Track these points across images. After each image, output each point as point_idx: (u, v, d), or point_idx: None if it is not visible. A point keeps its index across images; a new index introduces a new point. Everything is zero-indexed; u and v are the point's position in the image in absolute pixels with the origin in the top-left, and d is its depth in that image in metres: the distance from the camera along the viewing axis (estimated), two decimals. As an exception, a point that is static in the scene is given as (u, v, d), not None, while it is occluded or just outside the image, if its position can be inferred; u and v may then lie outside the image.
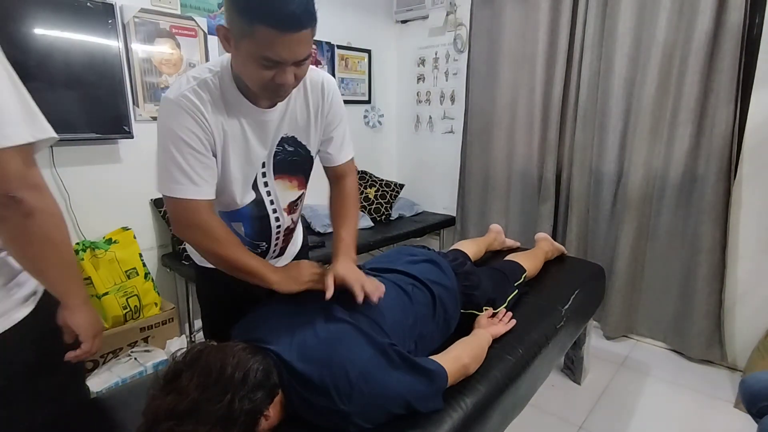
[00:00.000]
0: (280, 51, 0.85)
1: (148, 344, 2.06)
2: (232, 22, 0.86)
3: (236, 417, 0.77)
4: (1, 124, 0.72)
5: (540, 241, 2.00)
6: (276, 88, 0.92)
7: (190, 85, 0.95)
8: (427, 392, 0.98)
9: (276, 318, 1.04)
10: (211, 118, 0.96)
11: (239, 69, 0.93)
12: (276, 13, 0.81)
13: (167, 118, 0.95)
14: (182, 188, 0.96)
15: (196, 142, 0.95)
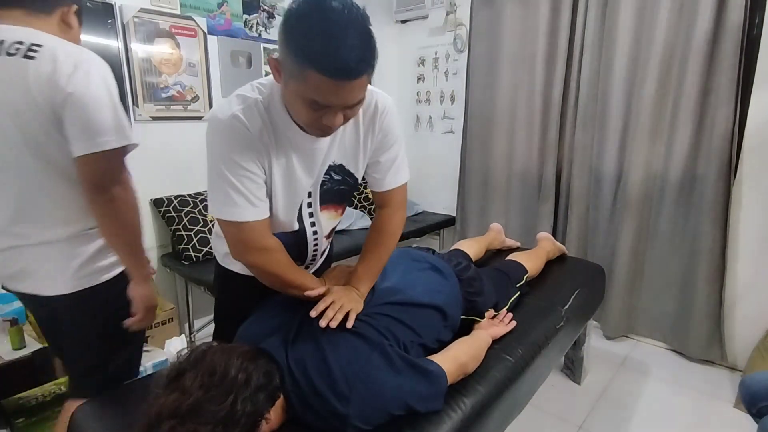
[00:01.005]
0: (330, 98, 0.83)
1: (147, 344, 2.06)
2: (285, 58, 0.83)
3: (238, 418, 0.77)
4: (98, 133, 0.95)
5: (542, 241, 2.00)
6: (323, 128, 0.90)
7: (240, 107, 0.92)
8: (426, 393, 0.98)
9: (278, 320, 1.05)
10: (261, 143, 0.93)
11: (286, 100, 0.91)
12: (330, 62, 0.77)
13: (218, 140, 0.92)
14: (241, 211, 0.94)
15: (249, 164, 0.93)
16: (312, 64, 0.78)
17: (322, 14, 0.76)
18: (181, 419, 0.74)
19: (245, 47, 2.49)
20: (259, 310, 1.13)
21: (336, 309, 1.01)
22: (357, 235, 2.71)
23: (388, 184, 1.14)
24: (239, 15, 2.44)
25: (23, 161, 0.96)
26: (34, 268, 1.02)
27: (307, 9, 0.77)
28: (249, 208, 0.95)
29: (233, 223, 0.95)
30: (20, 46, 0.94)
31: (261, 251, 1.00)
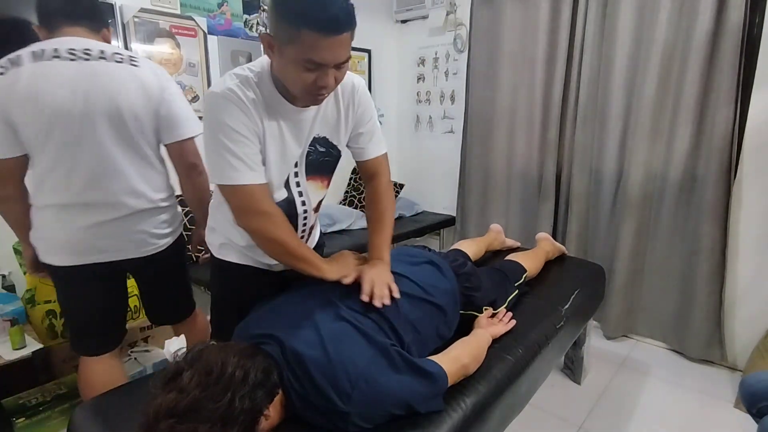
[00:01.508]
0: (323, 54, 0.91)
1: (147, 344, 2.06)
2: (277, 29, 0.91)
3: (236, 416, 0.77)
4: (190, 123, 1.32)
5: (541, 241, 2.00)
6: (317, 91, 0.97)
7: (234, 81, 1.00)
8: (427, 393, 0.98)
9: (279, 316, 1.05)
10: (254, 113, 1.01)
11: (282, 73, 0.99)
12: (320, 18, 0.87)
13: (215, 110, 0.99)
14: (240, 174, 1.00)
15: (245, 131, 1.00)
16: (305, 23, 0.87)
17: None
18: (179, 418, 0.74)
19: (245, 47, 2.49)
20: (257, 307, 1.13)
21: (380, 286, 1.09)
22: (357, 234, 2.71)
23: (372, 152, 1.26)
24: (239, 15, 2.45)
25: (141, 146, 1.26)
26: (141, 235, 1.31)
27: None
28: (248, 172, 1.01)
29: (235, 187, 1.01)
30: (122, 56, 1.22)
31: (262, 215, 1.05)
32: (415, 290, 1.21)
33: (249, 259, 1.22)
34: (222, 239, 1.23)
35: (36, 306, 1.75)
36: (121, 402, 1.10)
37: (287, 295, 1.16)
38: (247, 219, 1.06)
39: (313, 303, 1.08)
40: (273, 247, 1.09)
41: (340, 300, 1.09)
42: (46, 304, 1.76)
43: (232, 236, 1.20)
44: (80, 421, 1.04)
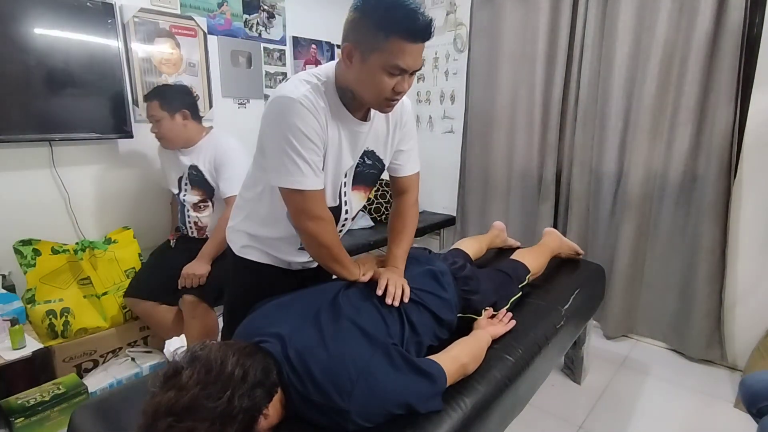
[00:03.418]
0: (407, 59, 0.99)
1: (147, 344, 2.06)
2: (364, 37, 0.98)
3: (235, 415, 0.77)
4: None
5: (546, 236, 1.96)
6: (393, 96, 1.05)
7: (306, 87, 1.04)
8: (426, 393, 0.98)
9: (281, 315, 1.05)
10: (324, 121, 1.06)
11: (360, 80, 1.04)
12: (410, 27, 0.96)
13: (289, 114, 1.02)
14: (307, 180, 1.06)
15: (315, 138, 1.05)
16: (396, 30, 0.95)
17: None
18: (178, 416, 0.74)
19: (245, 47, 2.49)
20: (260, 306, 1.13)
21: (395, 286, 1.15)
22: (357, 234, 2.71)
23: (409, 170, 1.37)
24: (239, 15, 2.44)
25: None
26: None
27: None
28: (313, 177, 1.06)
29: (299, 191, 1.06)
30: None
31: (319, 220, 1.11)
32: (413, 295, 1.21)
33: (269, 258, 1.28)
34: (245, 241, 1.28)
35: (36, 306, 1.75)
36: (121, 402, 1.10)
37: (290, 294, 1.16)
38: (304, 222, 1.11)
39: (315, 302, 1.08)
40: (320, 251, 1.16)
41: (342, 299, 1.10)
42: (46, 304, 1.76)
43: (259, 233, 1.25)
44: (80, 421, 1.04)
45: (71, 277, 1.89)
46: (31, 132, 1.79)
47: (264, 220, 1.23)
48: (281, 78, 2.68)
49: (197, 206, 1.97)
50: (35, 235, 1.84)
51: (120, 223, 2.14)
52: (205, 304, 1.84)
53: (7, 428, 1.51)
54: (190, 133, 1.92)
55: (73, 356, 1.81)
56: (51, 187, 1.93)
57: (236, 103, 2.51)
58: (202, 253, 1.86)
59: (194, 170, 1.93)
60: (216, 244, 1.86)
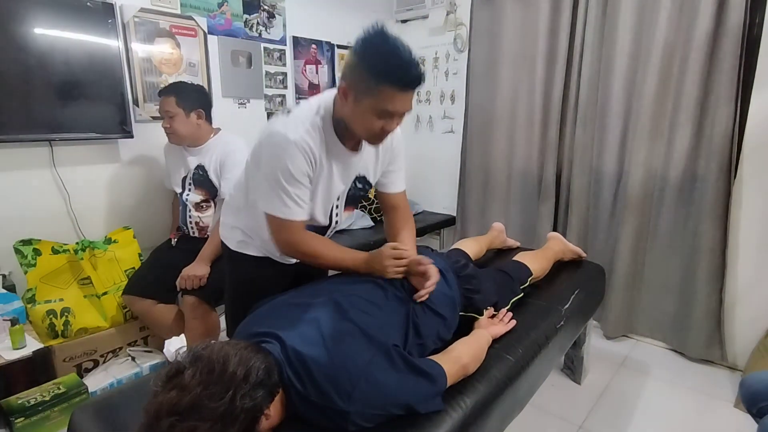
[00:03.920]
0: (398, 105, 1.08)
1: (147, 344, 2.06)
2: (357, 81, 1.06)
3: (237, 415, 0.77)
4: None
5: (550, 240, 1.96)
6: (381, 135, 1.14)
7: (305, 127, 1.12)
8: (427, 394, 0.98)
9: (281, 315, 1.05)
10: (316, 159, 1.15)
11: (351, 118, 1.12)
12: (401, 78, 1.04)
13: (282, 154, 1.11)
14: (290, 212, 1.16)
15: (302, 178, 1.14)
16: (387, 80, 1.03)
17: (387, 41, 1.03)
18: (180, 416, 0.74)
19: (246, 47, 2.49)
20: (260, 305, 1.13)
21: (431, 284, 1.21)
22: (357, 234, 2.72)
23: (397, 187, 1.43)
24: (239, 15, 2.44)
25: None
26: None
27: (375, 39, 1.04)
28: (296, 210, 1.16)
29: (283, 220, 1.17)
30: None
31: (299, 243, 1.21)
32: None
33: (265, 251, 1.35)
34: (241, 237, 1.36)
35: (36, 306, 1.75)
36: (121, 402, 1.10)
37: (290, 293, 1.16)
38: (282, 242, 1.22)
39: (315, 301, 1.08)
40: (305, 258, 1.26)
41: (342, 299, 1.09)
42: (46, 303, 1.76)
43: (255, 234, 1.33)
44: (80, 421, 1.04)
45: (71, 276, 1.89)
46: (31, 132, 1.79)
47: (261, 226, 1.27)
48: (281, 78, 2.68)
49: (199, 206, 1.97)
50: (35, 234, 1.84)
51: (120, 223, 2.14)
52: (206, 305, 1.84)
53: (7, 428, 1.51)
54: (201, 132, 1.93)
55: (73, 356, 1.81)
56: (51, 187, 1.93)
57: (236, 103, 2.51)
58: (201, 255, 1.86)
59: (200, 170, 1.94)
60: (215, 245, 1.86)
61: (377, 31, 1.05)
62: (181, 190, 2.00)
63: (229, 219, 1.41)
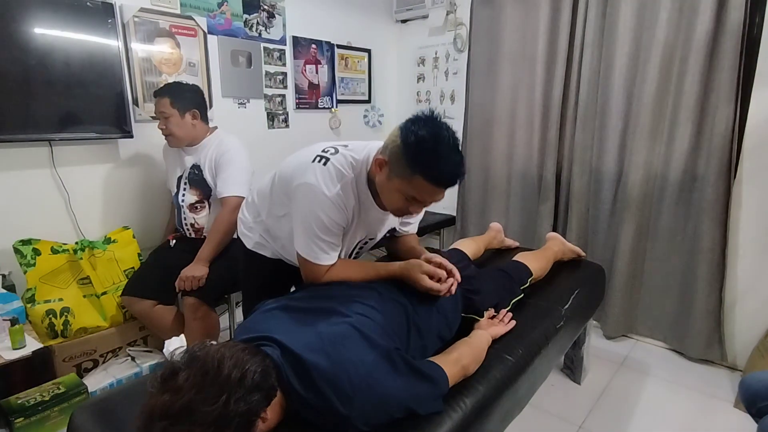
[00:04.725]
0: (427, 197, 1.10)
1: (147, 344, 2.06)
2: (397, 161, 1.07)
3: (231, 418, 0.76)
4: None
5: (549, 241, 1.97)
6: (405, 213, 1.17)
7: (340, 184, 1.15)
8: (428, 396, 0.98)
9: (280, 318, 1.05)
10: (348, 214, 1.19)
11: (381, 190, 1.15)
12: (440, 176, 1.05)
13: (318, 210, 1.14)
14: (322, 257, 1.20)
15: (336, 228, 1.18)
16: (423, 173, 1.04)
17: (435, 135, 1.04)
18: (173, 420, 0.73)
19: (245, 47, 2.49)
20: (260, 307, 1.13)
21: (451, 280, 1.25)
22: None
23: (411, 230, 1.50)
24: (239, 14, 2.44)
25: None
26: None
27: (423, 132, 1.04)
28: (326, 258, 1.20)
29: (313, 263, 1.21)
30: None
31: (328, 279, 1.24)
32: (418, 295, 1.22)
33: (280, 256, 1.41)
34: (258, 239, 1.42)
35: (36, 305, 1.75)
36: (121, 402, 1.10)
37: (291, 296, 1.16)
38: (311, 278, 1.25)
39: (315, 304, 1.08)
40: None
41: (342, 302, 1.09)
42: (46, 303, 1.76)
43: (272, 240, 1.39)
44: (80, 420, 1.04)
45: (71, 276, 1.89)
46: (31, 132, 1.78)
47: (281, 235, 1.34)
48: (281, 78, 2.68)
49: (194, 207, 1.97)
50: (35, 234, 1.84)
51: (120, 223, 2.14)
52: (206, 305, 1.84)
53: (7, 428, 1.51)
54: (198, 132, 1.93)
55: (72, 356, 1.81)
56: (51, 187, 1.93)
57: (236, 103, 2.51)
58: (199, 256, 1.85)
59: (195, 169, 1.94)
60: (213, 245, 1.86)
61: (428, 118, 1.06)
62: (176, 190, 2.00)
63: (249, 219, 1.45)
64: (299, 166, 1.19)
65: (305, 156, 1.21)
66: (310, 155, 1.19)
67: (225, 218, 1.87)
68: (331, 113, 3.00)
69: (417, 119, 1.07)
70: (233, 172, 1.90)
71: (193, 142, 1.94)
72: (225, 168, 1.90)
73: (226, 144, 1.94)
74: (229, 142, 1.95)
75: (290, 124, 2.78)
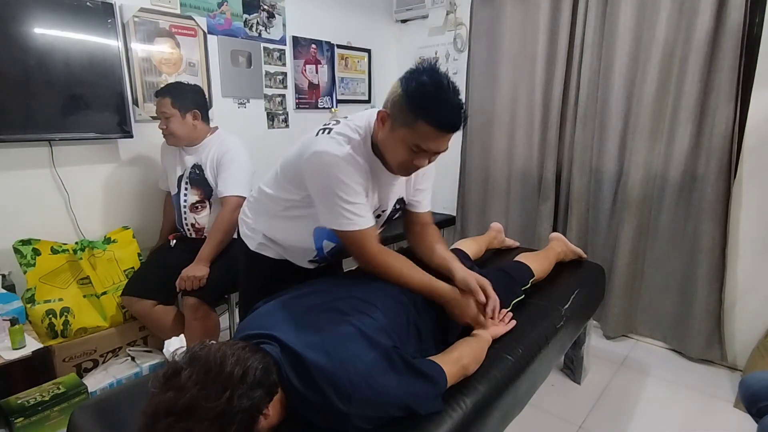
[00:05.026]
0: (431, 144, 1.08)
1: (147, 344, 2.06)
2: (399, 110, 1.07)
3: (234, 415, 0.76)
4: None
5: (552, 241, 1.96)
6: (410, 168, 1.16)
7: (348, 148, 1.13)
8: (427, 395, 0.98)
9: (280, 316, 1.05)
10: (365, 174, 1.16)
11: (385, 145, 1.14)
12: (442, 118, 1.05)
13: (336, 170, 1.11)
14: (361, 220, 1.15)
15: (359, 188, 1.14)
16: (426, 117, 1.04)
17: (436, 81, 1.04)
18: (177, 417, 0.73)
19: (245, 47, 2.49)
20: (260, 305, 1.13)
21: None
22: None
23: (425, 206, 1.43)
24: (239, 14, 2.44)
25: None
26: None
27: (424, 78, 1.05)
28: (362, 220, 1.15)
29: (355, 231, 1.15)
30: None
31: (374, 256, 1.18)
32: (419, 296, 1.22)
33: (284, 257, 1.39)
34: (261, 239, 1.39)
35: (36, 305, 1.75)
36: (121, 402, 1.10)
37: (290, 294, 1.16)
38: (358, 255, 1.20)
39: (315, 303, 1.08)
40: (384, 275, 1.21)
41: (342, 300, 1.09)
42: (46, 303, 1.76)
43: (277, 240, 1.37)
44: (80, 420, 1.04)
45: (71, 276, 1.89)
46: (31, 132, 1.78)
47: (286, 237, 1.35)
48: (281, 78, 2.68)
49: (194, 207, 1.97)
50: (35, 234, 1.84)
51: (120, 222, 2.14)
52: (206, 306, 1.84)
53: (7, 428, 1.51)
54: (198, 132, 1.94)
55: (72, 356, 1.81)
56: (51, 187, 1.93)
57: (236, 103, 2.51)
58: (200, 256, 1.86)
59: (197, 169, 1.94)
60: (213, 245, 1.86)
61: (428, 67, 1.07)
62: (177, 190, 2.00)
63: (251, 219, 1.43)
64: (302, 146, 1.19)
65: (306, 138, 1.22)
66: (311, 135, 1.21)
67: (225, 218, 1.87)
68: (331, 113, 3.00)
69: (417, 69, 1.08)
70: (234, 172, 1.90)
71: (193, 142, 1.94)
72: (226, 168, 1.90)
73: (227, 144, 1.94)
74: (231, 142, 1.95)
75: (290, 124, 2.78)
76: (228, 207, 1.88)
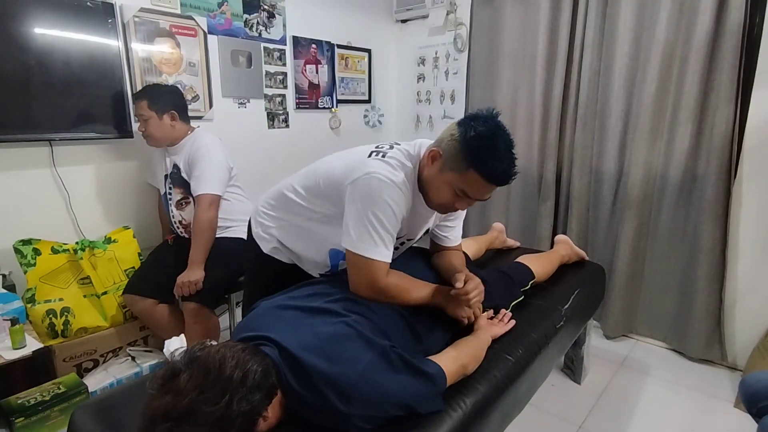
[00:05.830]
0: (477, 193, 1.10)
1: (147, 344, 2.06)
2: (452, 155, 1.08)
3: (234, 418, 0.76)
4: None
5: (558, 244, 1.96)
6: (449, 209, 1.18)
7: (402, 176, 1.13)
8: (426, 394, 0.98)
9: (278, 317, 1.04)
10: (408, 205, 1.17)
11: (430, 183, 1.15)
12: (494, 171, 1.06)
13: (386, 194, 1.09)
14: (380, 251, 1.12)
15: (398, 221, 1.14)
16: (478, 167, 1.05)
17: (494, 133, 1.06)
18: (175, 422, 0.73)
19: (246, 47, 2.49)
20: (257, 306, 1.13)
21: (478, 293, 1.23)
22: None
23: (454, 241, 1.43)
24: (239, 14, 2.44)
25: None
26: None
27: (485, 128, 1.06)
28: (385, 250, 1.13)
29: (368, 259, 1.12)
30: None
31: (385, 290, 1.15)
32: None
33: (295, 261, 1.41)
34: (276, 244, 1.40)
35: (36, 305, 1.75)
36: (121, 402, 1.10)
37: (288, 295, 1.16)
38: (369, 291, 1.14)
39: (313, 303, 1.08)
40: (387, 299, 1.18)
41: (339, 302, 1.09)
42: (46, 303, 1.76)
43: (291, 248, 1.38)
44: (80, 420, 1.04)
45: (71, 276, 1.89)
46: (32, 132, 1.79)
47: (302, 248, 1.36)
48: (281, 78, 2.68)
49: (179, 204, 1.99)
50: (35, 234, 1.84)
51: (120, 222, 2.14)
52: (206, 309, 1.84)
53: (7, 428, 1.51)
54: (177, 133, 1.94)
55: (73, 356, 1.81)
56: (51, 187, 1.93)
57: (236, 103, 2.51)
58: (192, 260, 1.85)
59: (176, 169, 1.96)
60: (200, 247, 1.85)
61: (491, 119, 1.07)
62: (164, 190, 2.02)
63: (267, 222, 1.42)
64: (350, 164, 1.16)
65: (355, 155, 1.21)
66: (361, 154, 1.18)
67: (202, 217, 1.85)
68: (332, 113, 3.00)
69: (477, 116, 1.09)
70: (205, 170, 1.88)
71: (173, 142, 1.95)
72: (196, 165, 1.89)
73: (198, 142, 1.93)
74: (202, 140, 1.94)
75: (290, 124, 2.78)
76: (202, 205, 1.86)
